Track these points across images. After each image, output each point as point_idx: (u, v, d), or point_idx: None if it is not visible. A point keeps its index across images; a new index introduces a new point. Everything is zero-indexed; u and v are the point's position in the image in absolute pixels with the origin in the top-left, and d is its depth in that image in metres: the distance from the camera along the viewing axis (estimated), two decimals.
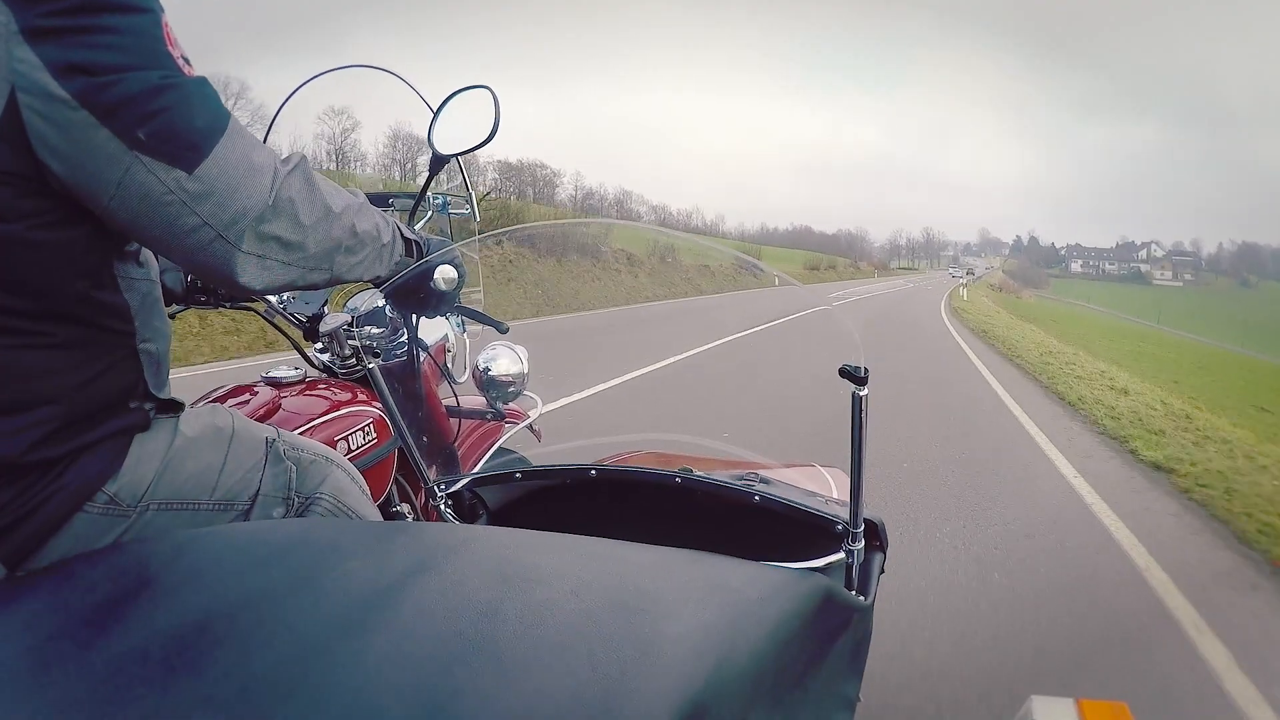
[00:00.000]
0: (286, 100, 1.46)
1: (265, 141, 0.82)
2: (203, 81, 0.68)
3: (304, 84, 1.43)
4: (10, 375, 0.68)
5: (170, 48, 0.66)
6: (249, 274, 0.72)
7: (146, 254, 0.78)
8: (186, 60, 0.67)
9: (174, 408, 0.84)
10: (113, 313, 0.74)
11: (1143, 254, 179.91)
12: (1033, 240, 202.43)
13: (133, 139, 0.63)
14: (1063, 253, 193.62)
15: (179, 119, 0.65)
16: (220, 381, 1.41)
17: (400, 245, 0.92)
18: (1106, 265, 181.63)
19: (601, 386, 6.37)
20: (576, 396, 5.86)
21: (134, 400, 0.78)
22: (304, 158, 0.76)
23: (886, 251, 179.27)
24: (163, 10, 0.67)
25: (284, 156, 0.75)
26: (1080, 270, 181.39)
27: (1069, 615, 2.68)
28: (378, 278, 0.91)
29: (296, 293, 1.55)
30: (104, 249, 0.71)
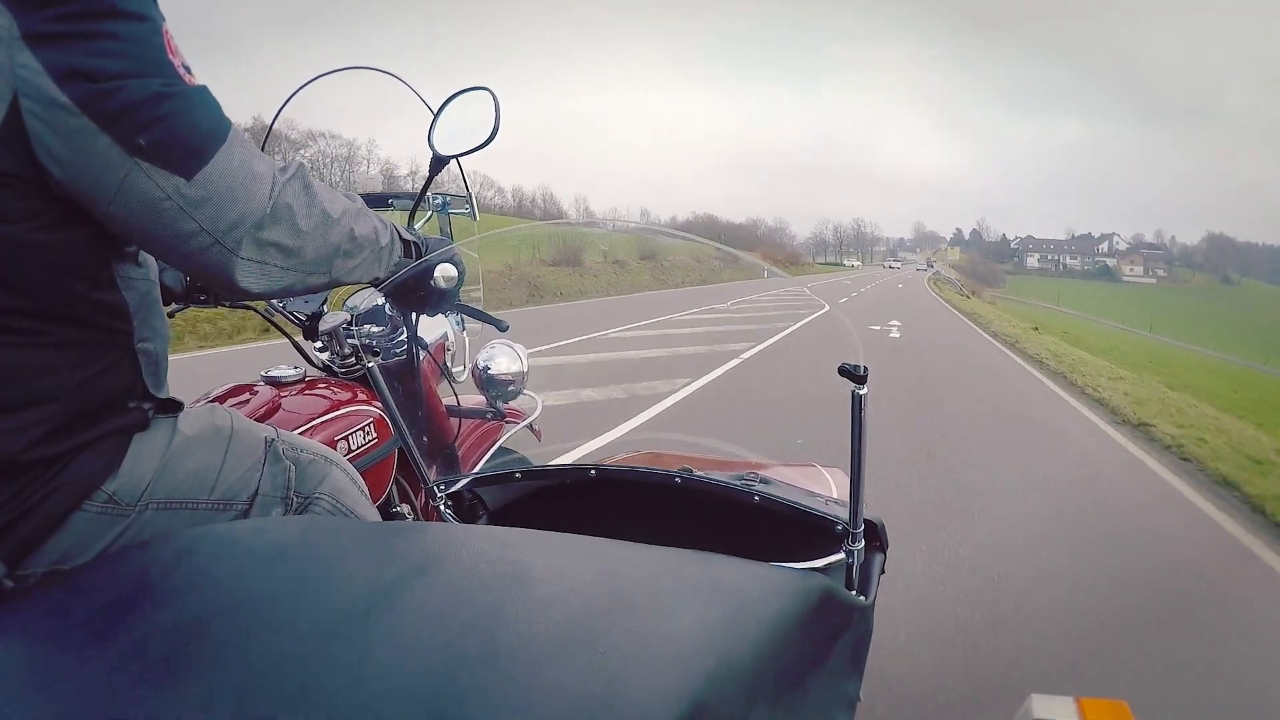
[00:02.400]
0: (286, 102, 1.45)
1: (265, 143, 0.83)
2: (203, 90, 0.68)
3: (302, 86, 1.42)
4: (9, 374, 0.68)
5: (171, 56, 0.66)
6: (247, 279, 0.72)
7: (145, 254, 0.79)
8: (188, 69, 0.68)
9: (173, 407, 0.84)
10: (111, 312, 0.74)
11: (1103, 247, 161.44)
12: (975, 234, 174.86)
13: (133, 146, 0.64)
14: (1014, 245, 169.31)
15: (180, 127, 0.65)
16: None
17: (399, 247, 0.92)
18: (1067, 259, 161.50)
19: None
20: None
21: (133, 400, 0.78)
22: (302, 165, 0.77)
23: (812, 246, 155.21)
24: (164, 19, 0.67)
25: (282, 165, 0.75)
26: (1037, 265, 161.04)
27: None
28: (376, 278, 0.91)
29: None
30: (103, 250, 0.72)
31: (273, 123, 1.50)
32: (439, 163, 1.18)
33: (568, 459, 3.85)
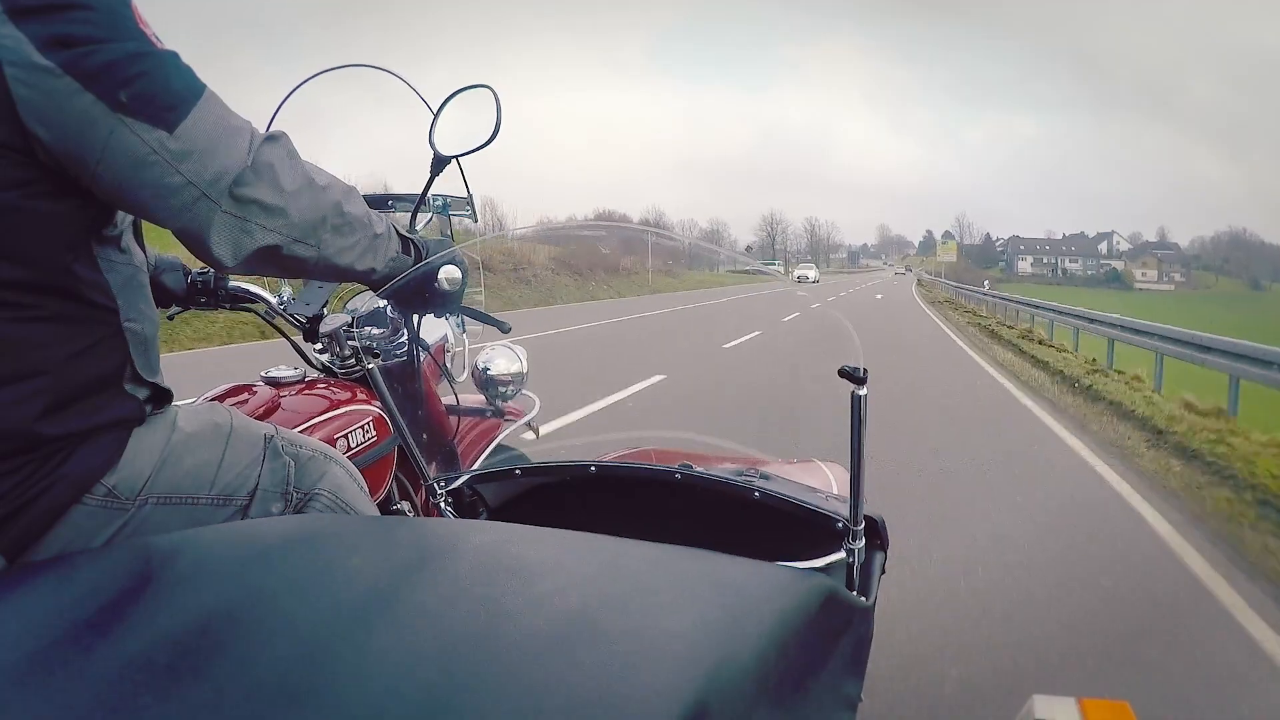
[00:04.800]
0: (285, 100, 1.45)
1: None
2: (175, 54, 0.72)
3: (302, 84, 1.42)
4: (1, 347, 0.69)
5: (142, 26, 0.70)
6: (230, 236, 0.74)
7: (129, 242, 0.80)
8: (157, 39, 0.71)
9: (166, 397, 0.84)
10: (94, 288, 0.75)
11: (1103, 247, 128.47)
12: (948, 236, 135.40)
13: (115, 102, 0.67)
14: (1000, 247, 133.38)
15: (157, 82, 0.69)
16: None
17: (396, 241, 0.93)
18: (1067, 263, 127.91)
19: None
20: None
21: (127, 383, 0.78)
22: (285, 134, 0.78)
23: (761, 254, 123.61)
24: None
25: (262, 129, 0.77)
26: (1031, 270, 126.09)
27: None
28: (373, 270, 0.91)
29: (297, 293, 1.55)
30: (87, 225, 0.74)
31: (273, 118, 1.50)
32: (440, 163, 1.18)
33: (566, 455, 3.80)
